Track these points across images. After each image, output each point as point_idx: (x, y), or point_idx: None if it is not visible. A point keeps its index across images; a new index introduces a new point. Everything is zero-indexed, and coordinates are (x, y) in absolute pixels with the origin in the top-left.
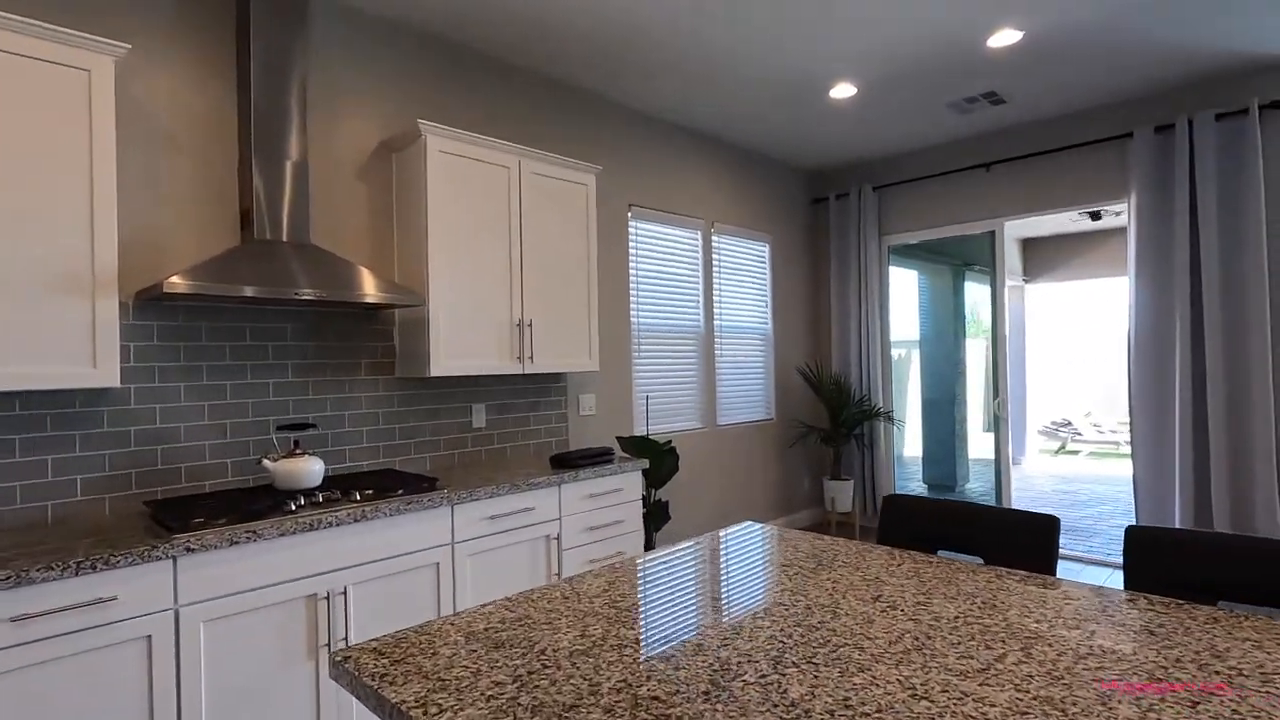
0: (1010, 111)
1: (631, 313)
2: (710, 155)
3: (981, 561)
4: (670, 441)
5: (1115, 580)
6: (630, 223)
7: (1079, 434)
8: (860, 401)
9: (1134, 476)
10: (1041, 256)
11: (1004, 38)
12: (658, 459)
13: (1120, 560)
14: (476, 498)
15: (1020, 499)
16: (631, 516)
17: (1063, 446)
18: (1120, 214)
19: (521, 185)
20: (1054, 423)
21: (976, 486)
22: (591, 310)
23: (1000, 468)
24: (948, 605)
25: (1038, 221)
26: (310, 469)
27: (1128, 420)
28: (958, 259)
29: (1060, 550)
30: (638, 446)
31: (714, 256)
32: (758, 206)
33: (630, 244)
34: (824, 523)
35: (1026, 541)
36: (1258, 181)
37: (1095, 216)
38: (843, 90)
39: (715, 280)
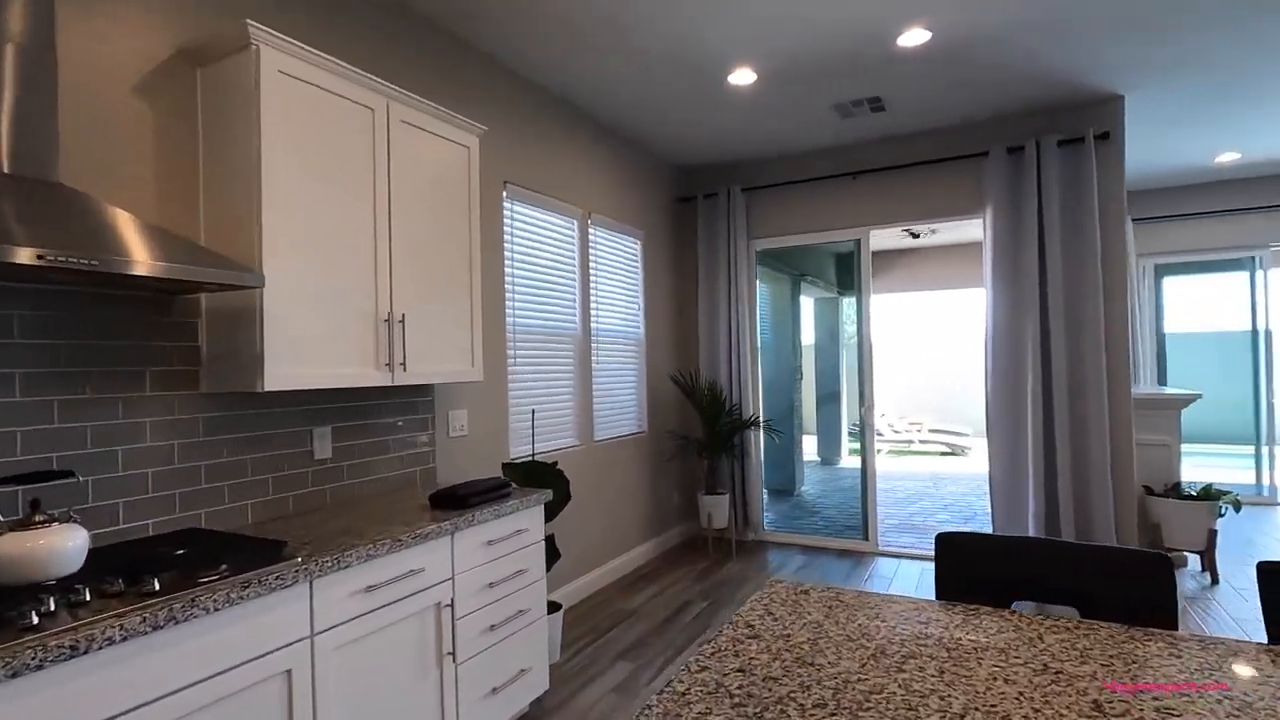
0: (886, 121)
1: (507, 311)
2: (592, 138)
3: (1077, 614)
4: (556, 463)
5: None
6: (506, 203)
7: (880, 434)
8: (731, 410)
9: (990, 478)
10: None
11: (914, 36)
12: (553, 487)
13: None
14: (347, 564)
15: (855, 497)
16: (535, 563)
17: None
18: (935, 233)
19: (390, 136)
20: (855, 424)
21: (809, 490)
22: (475, 304)
23: (866, 472)
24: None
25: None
26: (61, 546)
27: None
28: (796, 269)
29: (896, 549)
30: (527, 473)
31: (591, 251)
32: (632, 199)
33: (505, 229)
34: (698, 540)
35: (1137, 585)
36: (1093, 204)
37: (914, 235)
38: (743, 76)
39: (593, 277)
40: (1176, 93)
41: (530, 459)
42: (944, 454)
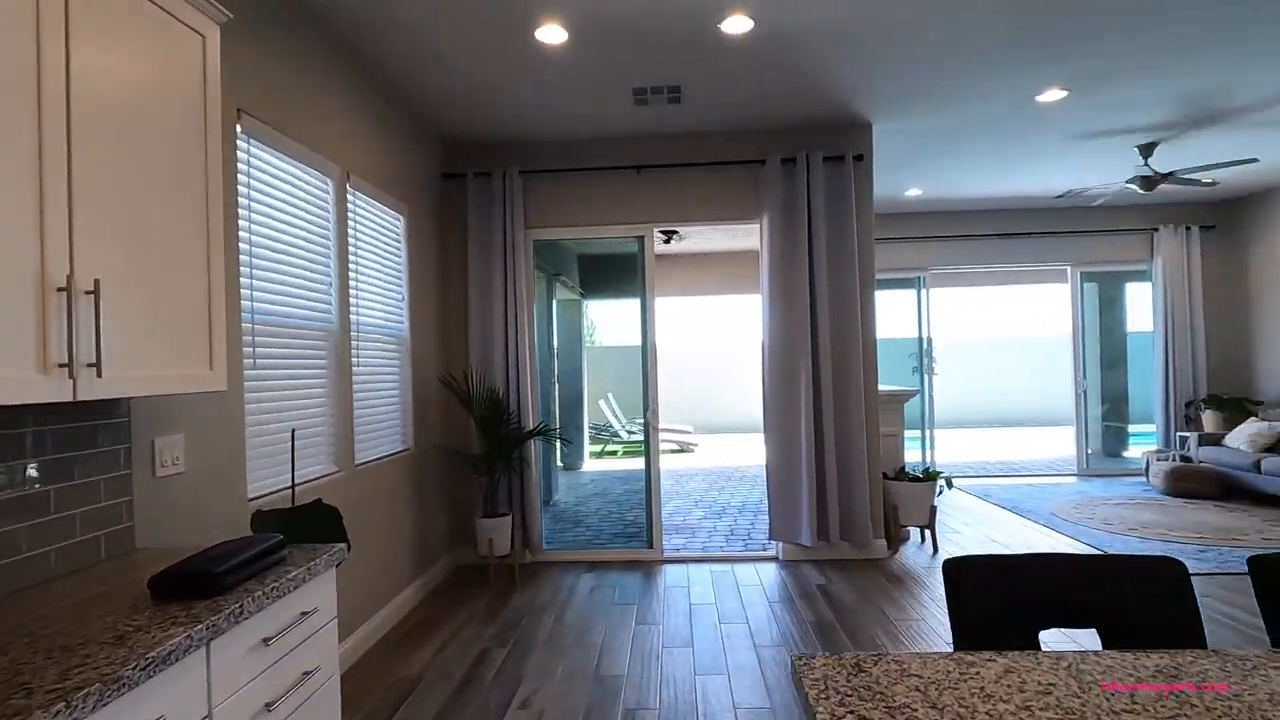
0: (679, 115)
1: (244, 294)
2: (355, 80)
3: (1096, 635)
4: (320, 500)
5: (734, 577)
6: (241, 140)
7: (617, 435)
8: (510, 419)
9: (767, 469)
10: (596, 274)
11: (737, 23)
12: (333, 534)
13: (719, 550)
14: None
15: (632, 501)
16: (327, 657)
17: (603, 448)
18: (684, 239)
19: (68, 5)
20: (595, 426)
21: (565, 499)
22: (215, 278)
23: (651, 477)
24: None
25: (599, 241)
26: None
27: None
28: (551, 267)
29: (678, 554)
30: (290, 521)
31: (351, 224)
32: (395, 166)
33: (241, 179)
34: (471, 569)
35: (1158, 596)
36: (852, 220)
37: (667, 239)
38: (553, 33)
39: (352, 258)
40: (897, 135)
41: (290, 497)
42: (674, 451)
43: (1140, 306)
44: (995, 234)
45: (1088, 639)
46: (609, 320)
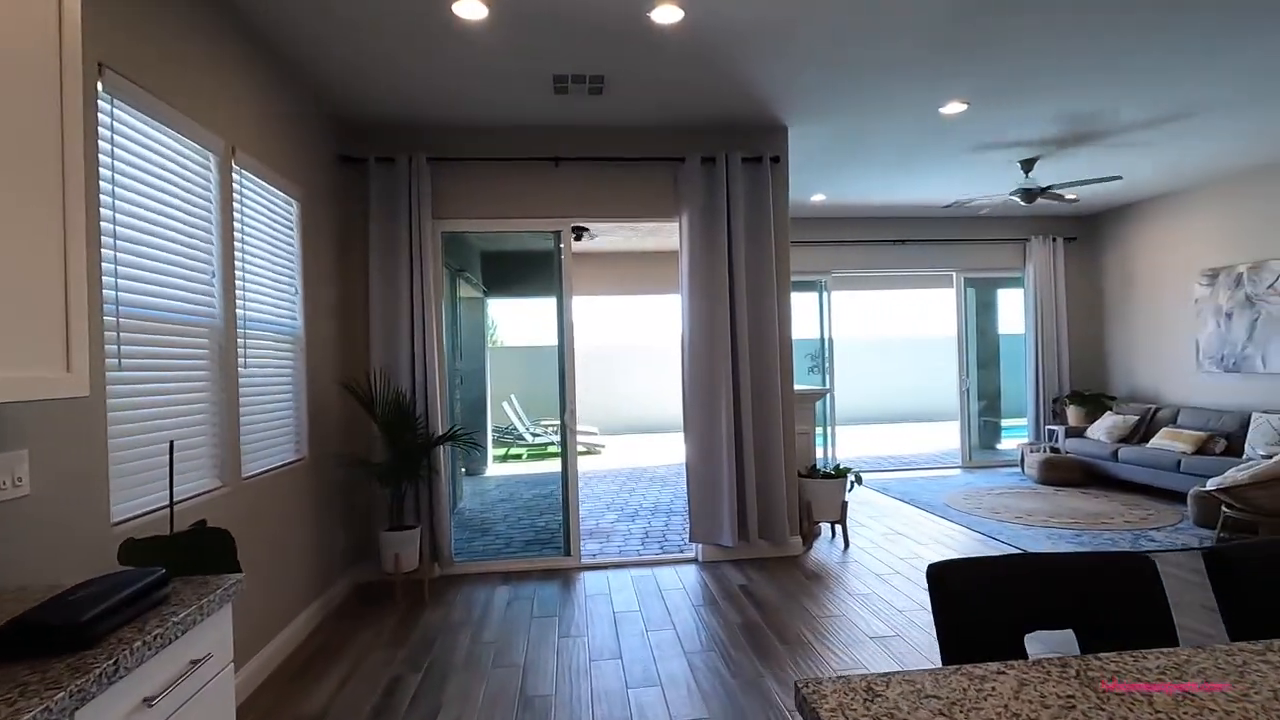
0: (600, 107)
1: (106, 281)
2: (242, 48)
3: (1073, 639)
4: (204, 522)
5: (655, 582)
6: (103, 99)
7: (522, 438)
8: (418, 424)
9: (687, 468)
10: (500, 272)
11: (667, 13)
12: (223, 560)
13: (644, 555)
14: None
15: (542, 506)
16: (222, 706)
17: (507, 451)
18: (595, 237)
19: None
20: (498, 429)
21: (471, 506)
22: (72, 260)
23: (568, 481)
24: None
25: (503, 237)
26: None
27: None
28: (456, 262)
29: (595, 560)
30: (169, 548)
31: (237, 206)
32: (288, 144)
33: (103, 145)
34: (374, 587)
35: (1130, 595)
36: (769, 221)
37: (578, 237)
38: (471, 8)
39: (239, 245)
40: (808, 140)
41: (169, 519)
42: (582, 454)
43: (1010, 310)
44: (891, 240)
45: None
46: (512, 319)
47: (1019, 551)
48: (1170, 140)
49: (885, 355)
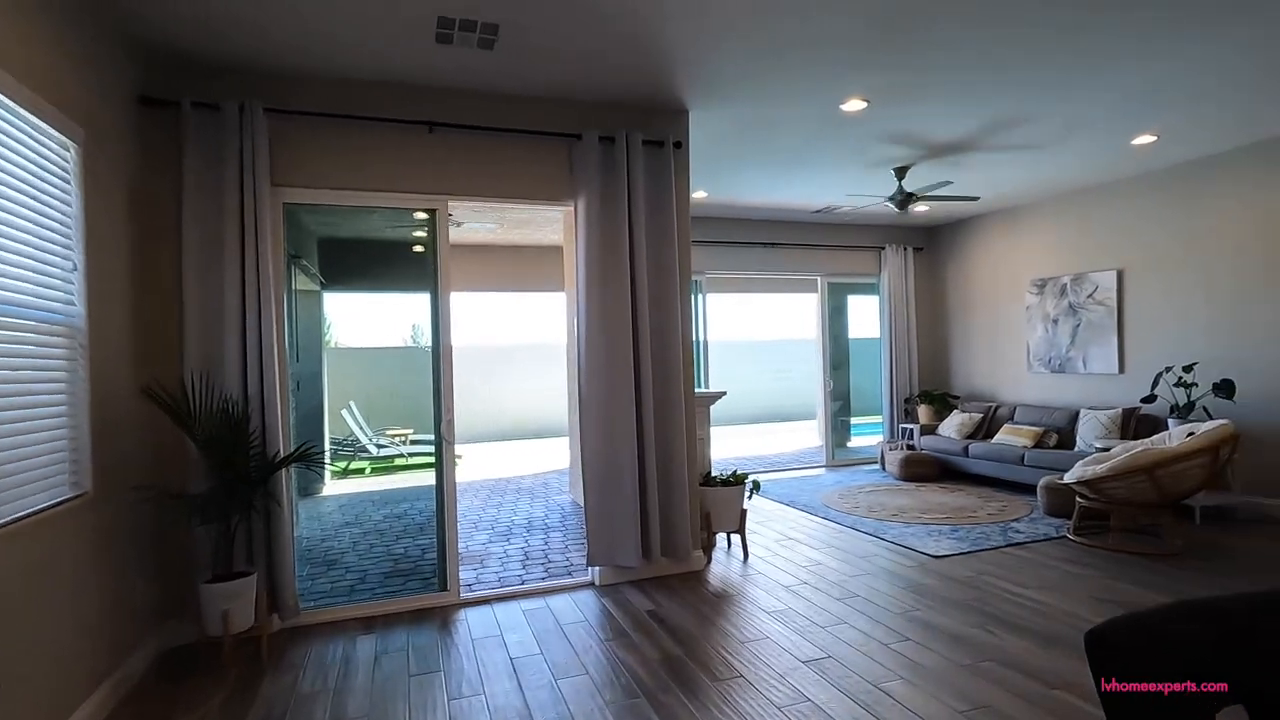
0: (488, 65)
1: None
2: None
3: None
4: None
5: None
6: None
7: (364, 450)
8: (251, 442)
9: (585, 498)
10: (339, 261)
11: None
12: None
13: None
14: None
15: (398, 529)
16: None
17: (347, 466)
18: (460, 225)
19: None
20: (335, 441)
21: (308, 532)
22: None
23: (444, 503)
24: None
25: (345, 222)
26: None
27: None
28: (290, 247)
29: (475, 593)
30: None
31: None
32: (60, 66)
33: None
34: (192, 651)
35: None
36: (672, 210)
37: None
38: None
39: None
40: (699, 129)
41: None
42: (429, 466)
43: (859, 314)
44: (763, 243)
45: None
46: (349, 317)
47: (929, 554)
48: (1020, 159)
49: (746, 358)
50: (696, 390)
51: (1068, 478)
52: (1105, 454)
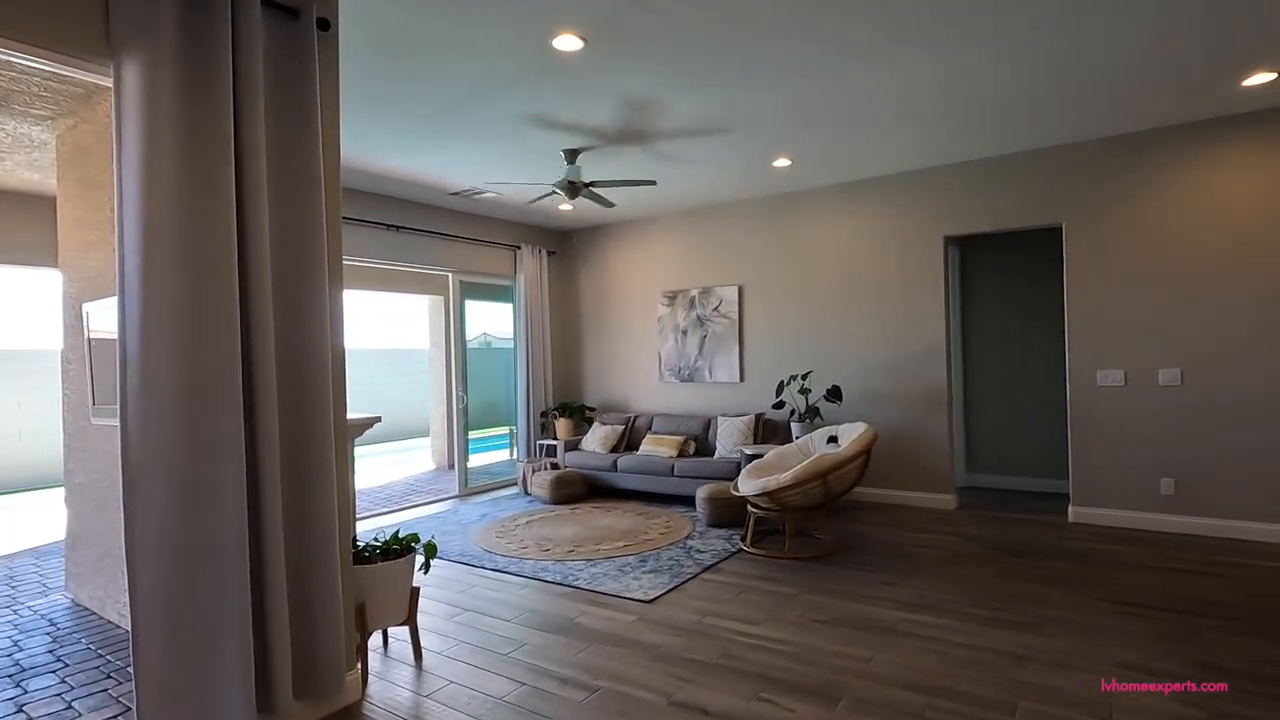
0: None
1: None
2: None
3: None
4: None
5: None
6: None
7: None
8: None
9: (133, 611)
10: None
11: None
12: None
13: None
14: None
15: None
16: None
17: None
18: None
19: None
20: None
21: None
22: None
23: None
24: None
25: None
26: None
27: None
28: None
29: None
30: None
31: None
32: None
33: None
34: None
35: None
36: (314, 124)
37: None
38: None
39: None
40: (360, 26)
41: None
42: None
43: (478, 321)
44: (389, 225)
45: None
46: None
47: (639, 600)
48: (685, 161)
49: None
50: (354, 415)
51: (746, 490)
52: (764, 461)
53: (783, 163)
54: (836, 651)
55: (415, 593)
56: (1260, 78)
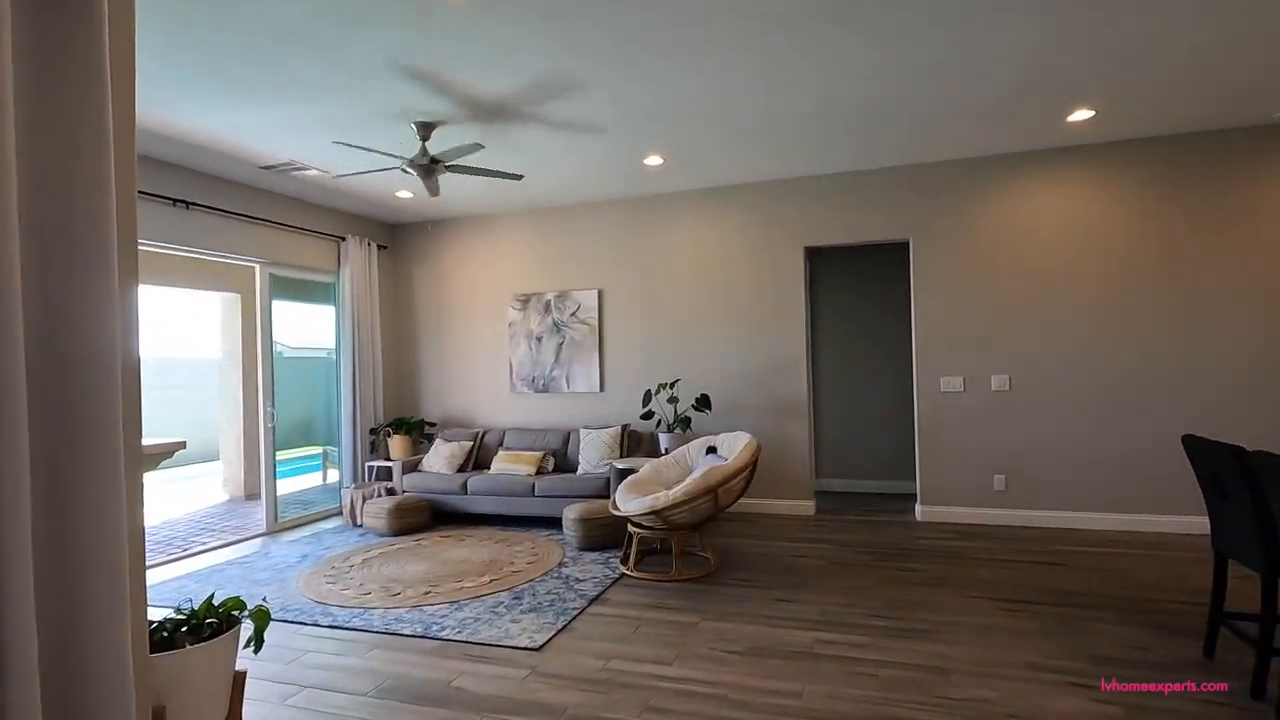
0: None
1: None
2: None
3: None
4: None
5: None
6: None
7: None
8: None
9: None
10: None
11: None
12: None
13: None
14: None
15: None
16: None
17: None
18: None
19: None
20: None
21: None
22: None
23: None
24: None
25: None
26: None
27: None
28: None
29: None
30: None
31: None
32: None
33: None
34: None
35: None
36: (99, 41)
37: None
38: None
39: None
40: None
41: None
42: None
43: (287, 325)
44: (175, 200)
45: None
46: None
47: (526, 648)
48: (554, 145)
49: None
50: (152, 441)
51: (628, 509)
52: (640, 477)
53: (654, 160)
54: (766, 689)
55: (240, 680)
56: (1081, 114)
